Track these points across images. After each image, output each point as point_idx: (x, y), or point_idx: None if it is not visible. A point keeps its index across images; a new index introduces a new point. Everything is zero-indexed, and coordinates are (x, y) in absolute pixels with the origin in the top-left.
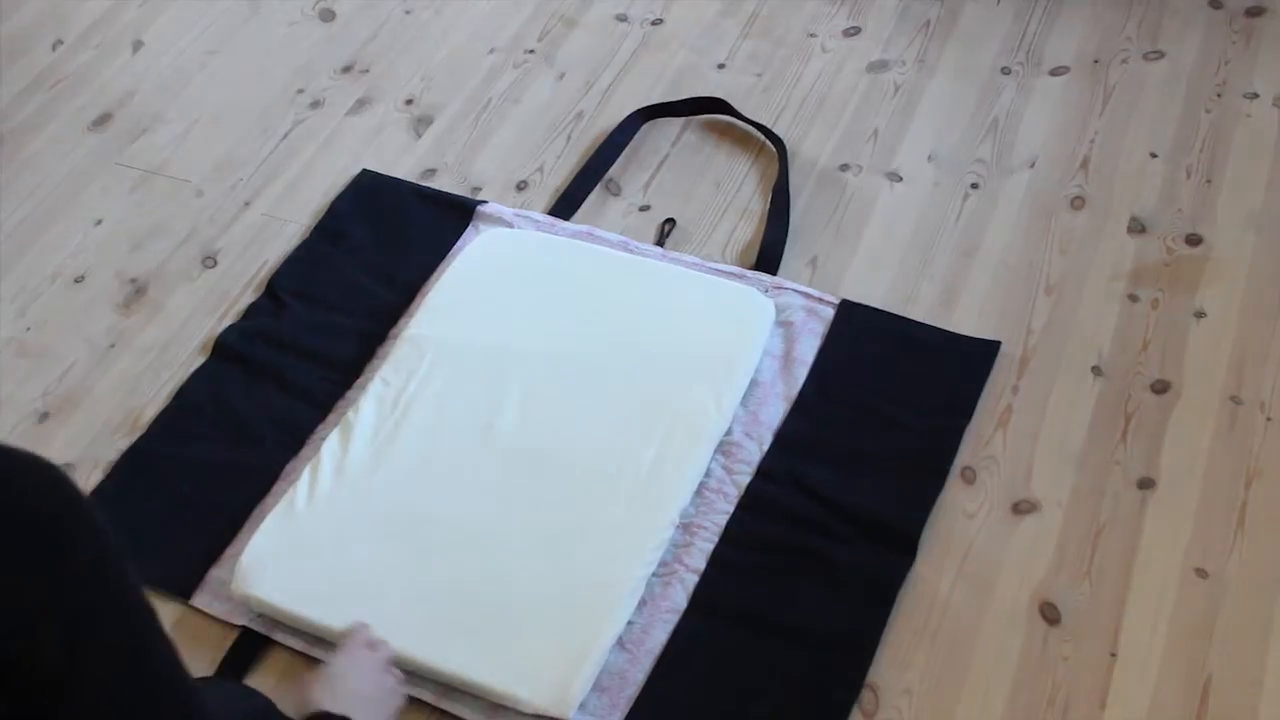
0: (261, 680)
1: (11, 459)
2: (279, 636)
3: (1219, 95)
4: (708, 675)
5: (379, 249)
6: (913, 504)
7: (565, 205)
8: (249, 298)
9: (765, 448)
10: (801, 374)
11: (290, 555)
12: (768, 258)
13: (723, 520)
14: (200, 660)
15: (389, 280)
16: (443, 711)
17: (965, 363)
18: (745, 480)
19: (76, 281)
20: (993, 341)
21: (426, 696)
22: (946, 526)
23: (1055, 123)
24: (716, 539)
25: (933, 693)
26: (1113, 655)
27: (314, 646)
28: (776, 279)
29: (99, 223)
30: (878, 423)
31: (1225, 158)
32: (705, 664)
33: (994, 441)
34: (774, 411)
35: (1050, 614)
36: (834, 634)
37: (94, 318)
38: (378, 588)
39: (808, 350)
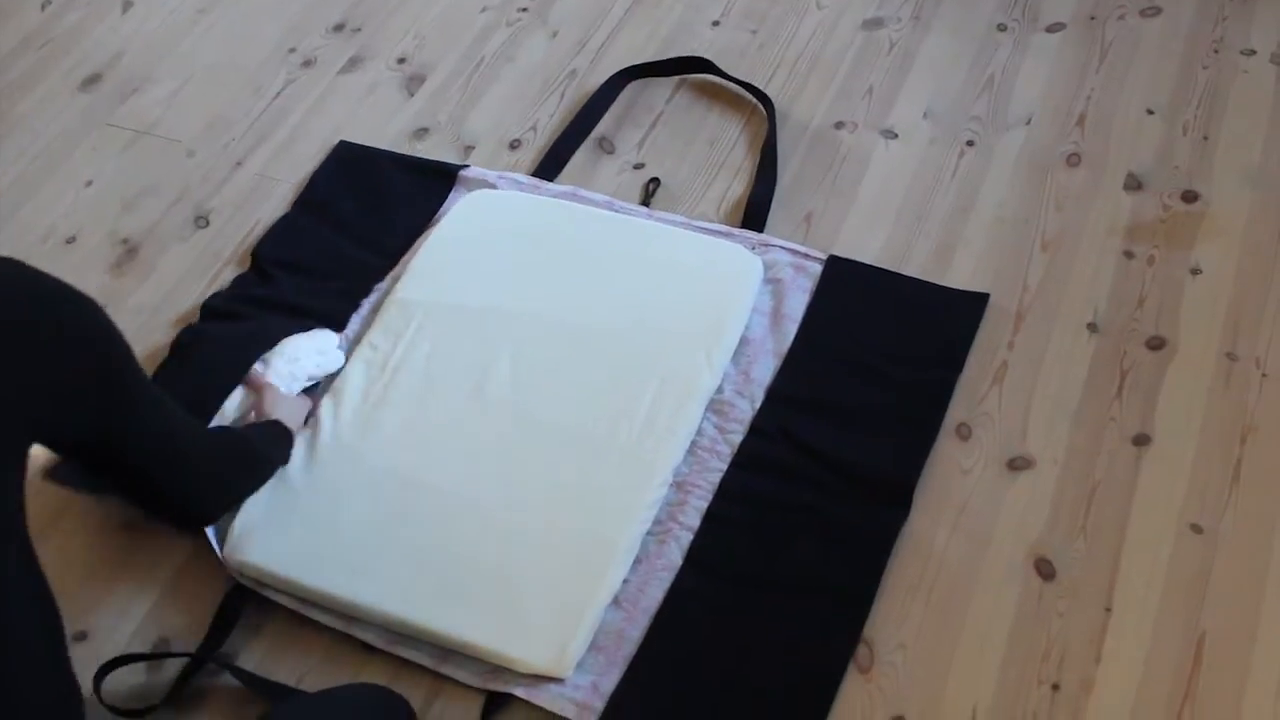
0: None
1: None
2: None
3: (1216, 51)
4: (704, 632)
5: (362, 217)
6: (906, 457)
7: (551, 165)
8: (242, 258)
9: (757, 405)
10: (791, 330)
11: (282, 521)
12: (755, 215)
13: (716, 478)
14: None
15: (374, 247)
16: (441, 675)
17: (955, 315)
18: (738, 439)
19: (68, 242)
20: (981, 294)
21: (425, 661)
22: (942, 482)
23: (1051, 79)
24: (711, 496)
25: (928, 647)
26: (1107, 610)
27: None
28: (764, 236)
29: (90, 183)
30: (868, 377)
31: (1222, 114)
32: (702, 620)
33: (989, 398)
34: (765, 369)
35: (1045, 569)
36: (830, 588)
37: (86, 279)
38: (372, 552)
39: (797, 306)
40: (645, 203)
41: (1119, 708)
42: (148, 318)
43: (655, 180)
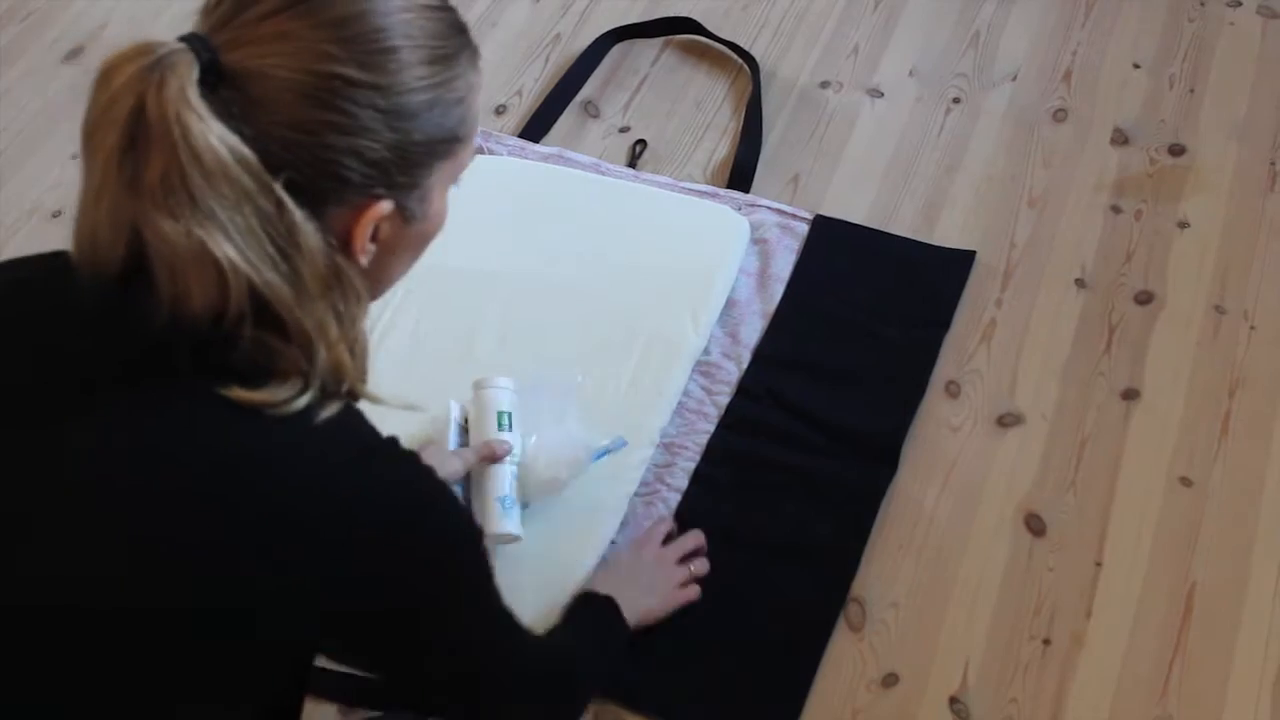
0: None
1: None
2: None
3: (1202, 4)
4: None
5: None
6: (893, 415)
7: (537, 128)
8: None
9: (744, 366)
10: (778, 291)
11: None
12: (741, 176)
13: (704, 440)
14: None
15: None
16: None
17: (942, 273)
18: (725, 400)
19: (54, 216)
20: (968, 251)
21: None
22: (931, 440)
23: (1037, 35)
24: (698, 458)
25: (919, 605)
26: (1098, 565)
27: None
28: (750, 196)
29: (75, 157)
30: (856, 336)
31: (1208, 67)
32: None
33: (978, 355)
34: (752, 330)
35: (1035, 525)
36: (818, 545)
37: None
38: None
39: (783, 267)
40: (632, 165)
41: (1110, 661)
42: None
43: (642, 142)
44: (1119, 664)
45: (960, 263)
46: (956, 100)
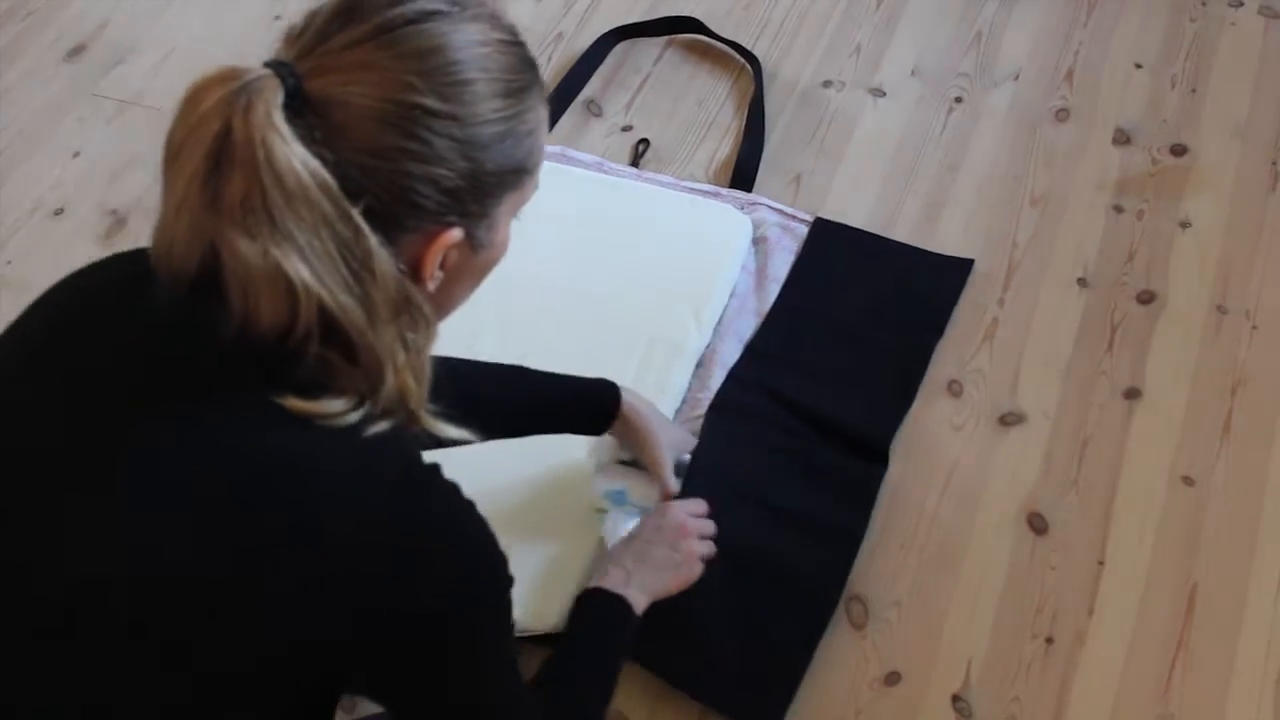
0: None
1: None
2: None
3: (1204, 4)
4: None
5: None
6: (883, 416)
7: None
8: None
9: (737, 358)
10: (774, 290)
11: None
12: (743, 175)
13: (696, 425)
14: None
15: None
16: None
17: (939, 280)
18: (716, 384)
19: (56, 214)
20: (966, 259)
21: None
22: (933, 440)
23: (1039, 34)
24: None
25: (922, 604)
26: (1100, 564)
27: None
28: (751, 196)
29: (77, 154)
30: (849, 338)
31: (1210, 67)
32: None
33: (980, 354)
34: (746, 325)
35: (1038, 524)
36: (813, 527)
37: (75, 250)
38: None
39: (781, 267)
40: (634, 164)
41: (1112, 659)
42: None
43: (644, 141)
44: (1121, 662)
45: (958, 270)
46: (958, 100)
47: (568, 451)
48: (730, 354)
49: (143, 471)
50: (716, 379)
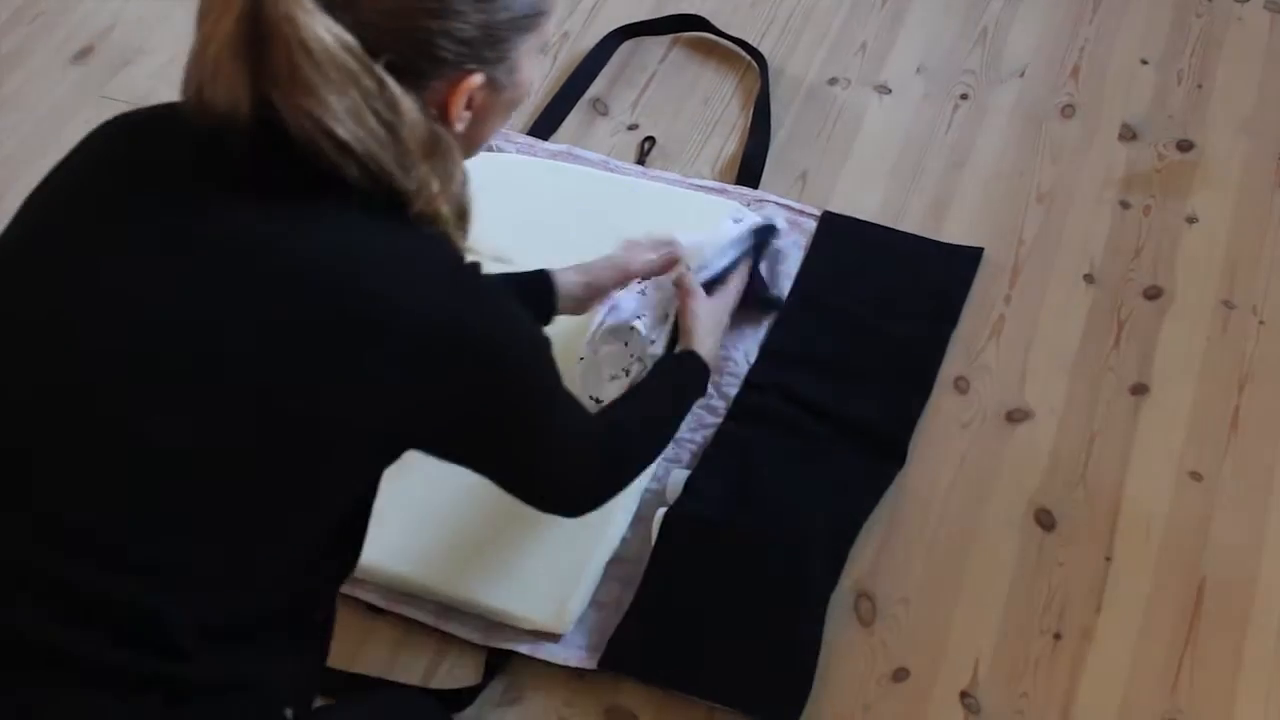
0: None
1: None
2: None
3: None
4: (700, 574)
5: None
6: (901, 410)
7: (545, 125)
8: None
9: (752, 360)
10: (785, 286)
11: None
12: (749, 171)
13: (712, 433)
14: None
15: None
16: (441, 632)
17: (950, 270)
18: (733, 392)
19: None
20: (975, 248)
21: (425, 618)
22: (941, 436)
23: (1045, 31)
24: (704, 448)
25: (930, 600)
26: (1108, 559)
27: None
28: (758, 193)
29: None
30: (863, 332)
31: (1216, 63)
32: (697, 564)
33: (987, 351)
34: (759, 325)
35: (1045, 520)
36: (818, 533)
37: None
38: (376, 514)
39: (791, 263)
40: (640, 162)
41: (1121, 655)
42: None
43: (650, 139)
44: (1129, 658)
45: (968, 259)
46: (964, 96)
47: None
48: (739, 353)
49: (222, 253)
50: (731, 382)
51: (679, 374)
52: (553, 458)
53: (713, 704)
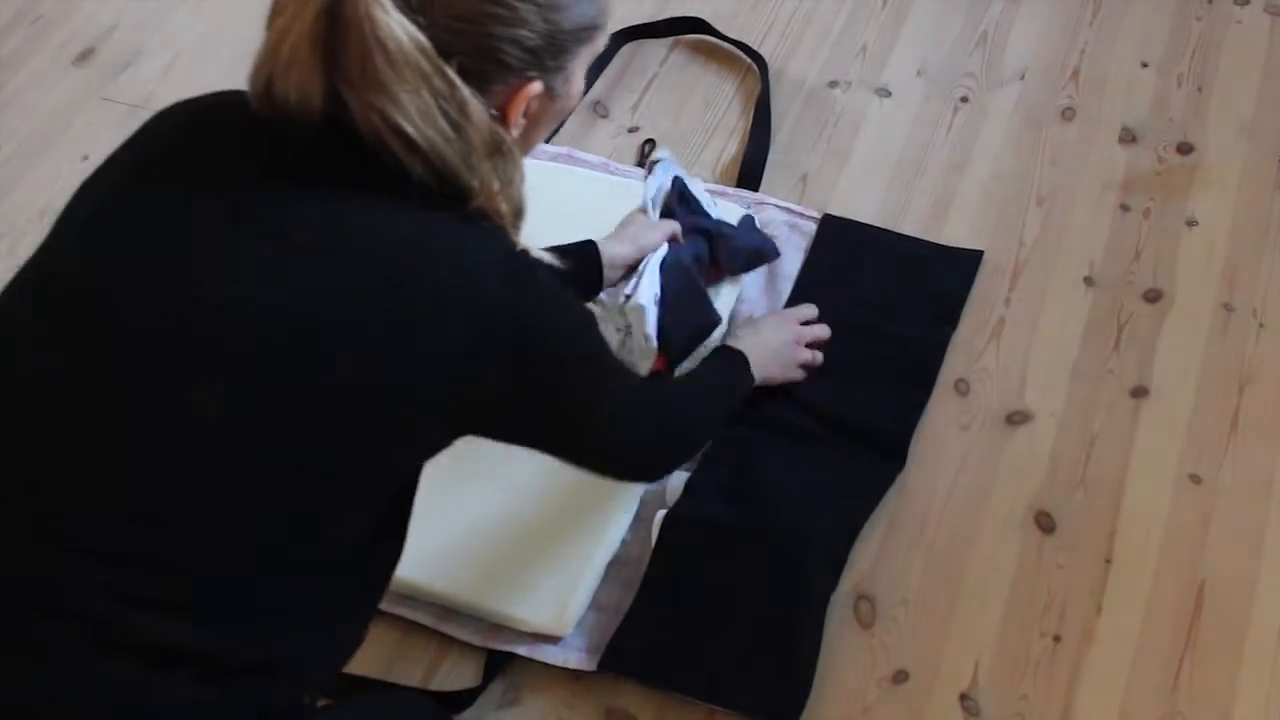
0: None
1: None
2: None
3: (1210, 2)
4: (699, 574)
5: None
6: (902, 413)
7: None
8: None
9: None
10: (786, 289)
11: None
12: (750, 174)
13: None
14: None
15: None
16: (441, 634)
17: (950, 272)
18: None
19: None
20: (975, 250)
21: (425, 620)
22: (940, 438)
23: (1045, 34)
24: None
25: (930, 603)
26: (1108, 562)
27: None
28: (758, 195)
29: (86, 158)
30: (864, 335)
31: (1216, 66)
32: (696, 564)
33: (987, 353)
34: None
35: (1045, 523)
36: (817, 528)
37: None
38: None
39: (792, 265)
40: (641, 164)
41: (1121, 658)
42: None
43: (651, 142)
44: (1129, 661)
45: (968, 262)
46: (964, 99)
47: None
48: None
49: (308, 231)
50: None
51: (736, 373)
52: (608, 430)
53: (712, 706)
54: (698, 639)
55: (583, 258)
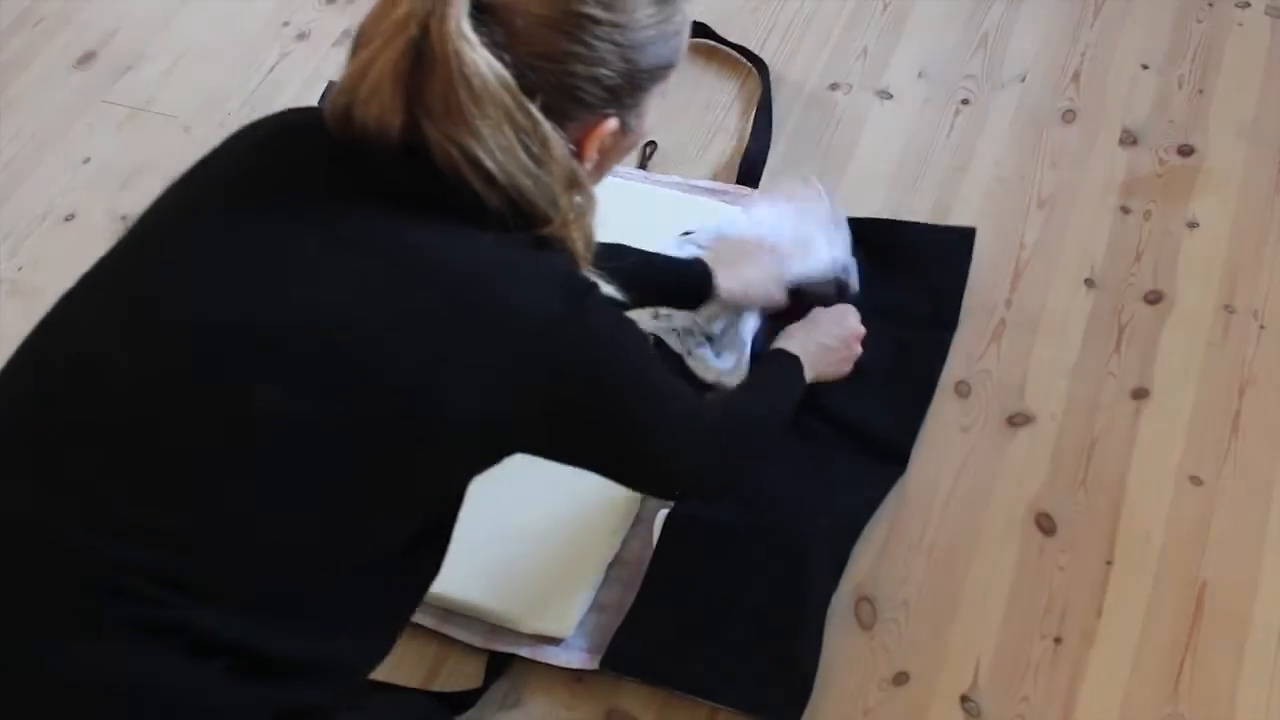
0: None
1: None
2: None
3: (1210, 4)
4: (700, 574)
5: None
6: (904, 414)
7: None
8: None
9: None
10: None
11: None
12: (750, 177)
13: None
14: None
15: None
16: (443, 636)
17: (947, 260)
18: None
19: (66, 220)
20: (968, 228)
21: (427, 622)
22: (941, 440)
23: (1046, 36)
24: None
25: (930, 604)
26: (1108, 563)
27: None
28: (758, 195)
29: (87, 160)
30: (864, 335)
31: (1217, 68)
32: (696, 563)
33: (988, 355)
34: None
35: (1046, 524)
36: (817, 529)
37: (85, 256)
38: None
39: None
40: (642, 166)
41: (1121, 659)
42: None
43: (652, 144)
44: (1130, 662)
45: (962, 243)
46: (965, 101)
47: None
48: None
49: (380, 247)
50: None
51: (791, 376)
52: (666, 453)
53: (714, 705)
54: (698, 639)
55: (694, 279)
